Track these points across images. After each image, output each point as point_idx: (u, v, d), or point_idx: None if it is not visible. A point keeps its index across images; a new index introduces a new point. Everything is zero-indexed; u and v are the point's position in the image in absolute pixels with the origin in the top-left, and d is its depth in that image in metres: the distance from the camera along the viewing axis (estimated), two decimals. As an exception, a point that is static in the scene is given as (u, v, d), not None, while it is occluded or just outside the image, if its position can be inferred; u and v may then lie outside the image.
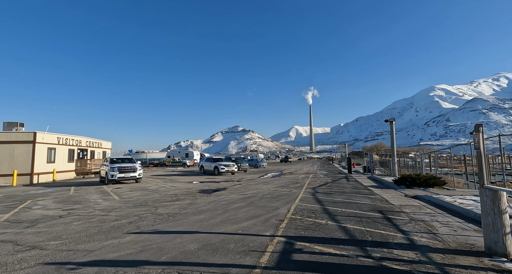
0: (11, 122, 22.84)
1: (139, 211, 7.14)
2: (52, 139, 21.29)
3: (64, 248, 4.22)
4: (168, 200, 9.01)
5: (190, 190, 11.82)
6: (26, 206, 8.54)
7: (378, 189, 11.38)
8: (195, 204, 8.16)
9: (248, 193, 10.37)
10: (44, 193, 12.13)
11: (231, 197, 9.51)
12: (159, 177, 21.09)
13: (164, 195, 10.49)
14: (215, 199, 9.12)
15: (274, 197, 9.32)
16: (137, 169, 15.94)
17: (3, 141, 19.05)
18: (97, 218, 6.39)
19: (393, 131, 16.55)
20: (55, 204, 8.84)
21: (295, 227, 5.17)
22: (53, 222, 6.12)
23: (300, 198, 8.96)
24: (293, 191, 10.78)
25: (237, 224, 5.51)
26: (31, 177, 18.99)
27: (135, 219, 6.21)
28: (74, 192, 11.96)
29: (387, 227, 5.10)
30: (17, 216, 6.94)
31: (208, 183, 14.95)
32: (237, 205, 7.82)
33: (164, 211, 7.13)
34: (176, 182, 16.42)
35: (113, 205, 8.34)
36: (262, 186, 12.86)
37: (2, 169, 18.74)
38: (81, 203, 8.90)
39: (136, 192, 11.60)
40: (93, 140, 27.14)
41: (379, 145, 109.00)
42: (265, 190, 11.24)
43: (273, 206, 7.46)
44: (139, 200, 9.27)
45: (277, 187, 12.33)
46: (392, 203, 7.77)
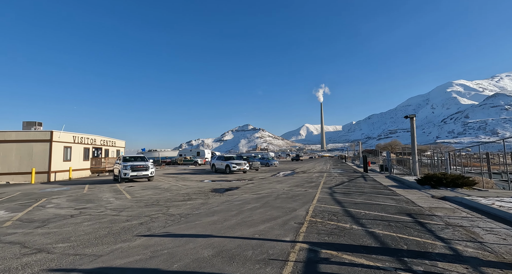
0: (30, 122, 23.50)
1: (150, 211, 6.89)
2: (68, 138, 21.74)
3: (71, 252, 3.96)
4: (180, 200, 8.75)
5: (202, 189, 11.56)
6: (40, 204, 8.53)
7: (400, 189, 10.67)
8: (208, 204, 7.84)
9: (262, 193, 9.96)
10: (59, 191, 12.24)
11: (244, 196, 9.14)
12: (171, 175, 21.09)
13: (176, 194, 10.27)
14: (228, 199, 8.78)
15: (289, 197, 8.86)
16: (149, 168, 15.91)
17: (23, 140, 19.60)
18: (107, 218, 6.18)
19: (413, 127, 15.62)
20: (68, 202, 8.78)
21: (317, 231, 4.71)
22: (64, 222, 5.96)
23: (317, 198, 8.45)
24: (309, 191, 10.27)
25: (253, 227, 5.11)
26: (49, 175, 19.45)
27: (146, 220, 5.95)
28: (87, 191, 11.99)
29: (421, 233, 4.54)
30: (30, 215, 6.87)
31: (220, 182, 14.68)
32: (252, 205, 7.42)
33: (176, 211, 6.84)
34: (188, 180, 16.26)
35: (125, 204, 8.17)
36: (276, 185, 12.42)
37: (22, 167, 19.29)
38: (93, 202, 8.80)
39: (148, 191, 11.47)
40: (107, 138, 27.60)
41: (393, 143, 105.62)
42: (280, 190, 10.80)
43: (290, 207, 7.01)
44: (150, 199, 9.08)
45: (292, 187, 11.85)
46: (420, 205, 7.12)
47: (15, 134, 19.61)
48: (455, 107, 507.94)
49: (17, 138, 19.54)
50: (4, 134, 19.39)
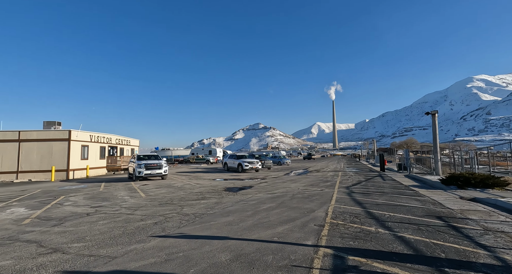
0: (50, 121, 24.34)
1: (164, 211, 6.79)
2: (85, 137, 22.34)
3: (86, 252, 3.86)
4: (194, 199, 8.63)
5: (215, 188, 11.43)
6: (58, 202, 8.67)
7: (423, 189, 10.06)
8: (222, 203, 7.66)
9: (276, 192, 9.68)
10: (76, 189, 12.51)
11: (259, 196, 8.89)
12: (184, 174, 21.21)
13: (189, 193, 10.19)
14: (242, 198, 8.57)
15: (305, 197, 8.53)
16: (162, 166, 16.01)
17: (43, 139, 20.31)
18: (122, 217, 6.12)
19: (435, 124, 14.78)
20: (85, 200, 8.89)
21: (340, 235, 4.38)
22: (80, 220, 5.95)
23: (335, 198, 8.07)
24: (325, 191, 9.88)
25: (271, 229, 4.85)
26: (67, 173, 20.07)
27: (160, 219, 5.83)
28: (103, 189, 12.17)
29: (459, 240, 4.11)
30: (48, 212, 6.95)
31: (233, 181, 14.52)
32: (267, 205, 7.16)
33: (190, 211, 6.70)
34: (201, 179, 16.24)
35: (139, 203, 8.14)
36: (290, 185, 12.09)
37: (43, 165, 20.01)
38: (109, 200, 8.85)
39: (162, 189, 11.48)
40: (122, 137, 28.21)
41: (409, 141, 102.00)
42: (294, 189, 10.47)
43: (308, 208, 6.70)
44: (164, 198, 9.03)
45: (307, 186, 11.49)
46: (449, 207, 6.60)
47: (36, 133, 20.37)
48: (475, 104, 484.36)
49: (38, 137, 20.28)
50: (26, 134, 20.18)
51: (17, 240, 4.56)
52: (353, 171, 21.42)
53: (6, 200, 9.50)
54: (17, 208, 7.79)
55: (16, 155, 19.78)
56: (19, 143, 19.96)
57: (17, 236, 4.83)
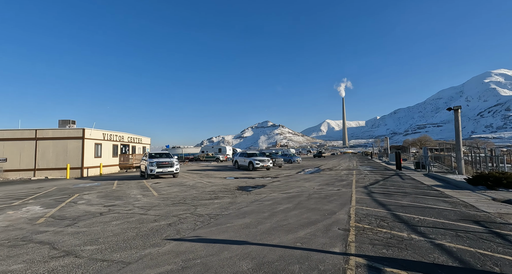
0: (64, 120, 24.82)
1: (178, 211, 6.59)
2: (98, 135, 22.66)
3: (99, 256, 3.66)
4: (207, 198, 8.41)
5: (228, 187, 11.20)
6: (72, 200, 8.66)
7: (448, 189, 9.44)
8: (236, 203, 7.39)
9: (291, 192, 9.33)
10: (90, 187, 12.59)
11: (273, 196, 8.57)
12: (195, 172, 21.18)
13: (202, 192, 9.99)
14: (257, 198, 8.27)
15: (323, 197, 8.14)
16: (174, 164, 15.95)
17: (58, 137, 20.72)
18: (136, 218, 5.95)
19: (458, 120, 13.95)
20: (98, 199, 8.84)
21: (370, 241, 4.00)
22: (93, 220, 5.82)
23: (355, 199, 7.64)
24: (342, 190, 9.44)
25: (292, 233, 4.52)
26: (82, 171, 20.42)
27: (174, 220, 5.61)
28: (116, 187, 12.18)
29: (509, 249, 3.64)
30: (62, 211, 6.89)
31: (245, 179, 14.27)
32: (284, 206, 6.83)
33: (204, 211, 6.46)
34: (212, 177, 16.08)
35: (152, 202, 7.99)
36: (304, 184, 11.70)
37: (58, 163, 20.44)
38: (121, 198, 8.77)
39: (174, 188, 11.35)
40: (134, 135, 28.52)
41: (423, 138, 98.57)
42: (310, 189, 10.08)
43: (327, 209, 6.32)
44: (177, 197, 8.86)
45: (322, 185, 11.07)
46: (485, 210, 6.05)
47: (51, 131, 20.80)
48: (493, 99, 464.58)
49: (53, 135, 20.71)
50: (42, 132, 20.63)
51: (31, 241, 4.44)
52: (368, 169, 20.73)
53: (23, 197, 9.60)
54: (32, 206, 7.80)
55: (33, 153, 20.28)
56: (36, 141, 20.44)
57: (31, 236, 4.72)
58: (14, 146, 20.15)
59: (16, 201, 8.88)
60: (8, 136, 20.20)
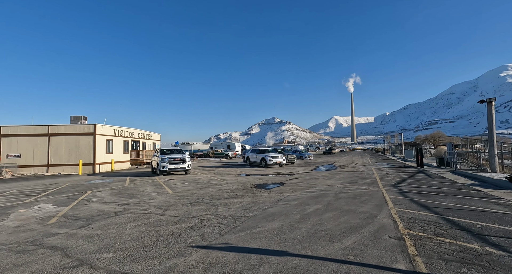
0: (76, 116, 24.79)
1: (197, 211, 6.05)
2: (109, 131, 22.50)
3: (117, 268, 3.13)
4: (225, 197, 7.86)
5: (244, 184, 10.64)
6: (85, 198, 8.28)
7: (490, 190, 8.55)
8: (259, 203, 6.79)
9: (314, 191, 8.67)
10: (103, 183, 12.29)
11: (296, 195, 7.94)
12: (206, 168, 20.77)
13: (218, 189, 9.46)
14: (279, 197, 7.66)
15: (352, 197, 7.45)
16: (186, 161, 15.53)
17: (71, 133, 20.65)
18: (153, 219, 5.44)
19: (492, 114, 12.86)
20: (112, 196, 8.43)
21: (438, 256, 3.30)
22: (108, 221, 5.35)
23: (390, 200, 6.92)
24: (370, 190, 8.72)
25: (336, 241, 3.88)
26: (94, 167, 20.32)
27: (196, 222, 5.07)
28: (129, 184, 11.82)
29: None
30: (75, 210, 6.47)
31: (260, 177, 13.68)
32: (313, 207, 6.19)
33: (226, 212, 5.89)
34: (225, 174, 15.59)
35: (168, 200, 7.50)
36: (325, 182, 11.02)
37: (71, 159, 20.39)
38: (136, 196, 8.33)
39: (188, 185, 10.88)
40: (144, 132, 28.35)
41: (436, 134, 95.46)
42: (333, 187, 9.40)
43: (365, 212, 5.64)
44: (193, 195, 8.35)
45: (345, 183, 10.36)
46: (550, 215, 5.24)
47: (63, 127, 20.73)
48: (510, 94, 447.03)
49: (66, 131, 20.64)
50: (55, 128, 20.59)
51: (41, 246, 3.97)
52: (386, 166, 19.79)
53: (36, 194, 9.32)
54: (45, 204, 7.45)
55: (46, 149, 20.28)
56: (48, 137, 20.43)
57: (42, 239, 4.26)
58: (27, 142, 20.20)
59: (28, 198, 8.58)
60: (22, 132, 20.25)
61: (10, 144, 20.03)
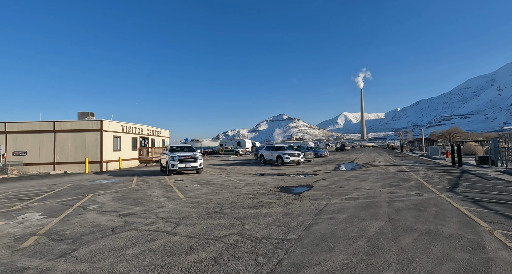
0: (84, 112, 23.85)
1: (218, 228, 4.58)
2: (117, 127, 21.43)
3: None
4: (249, 205, 6.37)
5: (266, 187, 9.13)
6: (83, 204, 6.98)
7: None
8: (295, 216, 5.25)
9: (356, 197, 7.05)
10: (107, 184, 11.07)
11: (338, 204, 6.35)
12: (218, 166, 19.40)
13: (237, 193, 7.99)
14: (317, 206, 6.09)
15: (413, 207, 5.80)
16: (197, 159, 14.16)
17: (77, 130, 19.66)
18: (161, 241, 4.00)
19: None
20: (114, 202, 7.10)
21: None
22: (101, 243, 3.94)
23: (471, 213, 5.23)
24: (426, 196, 7.03)
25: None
26: (101, 165, 19.30)
27: (219, 250, 3.58)
28: (136, 185, 10.53)
29: None
30: (64, 224, 5.13)
31: (280, 177, 12.14)
32: (373, 225, 4.60)
33: (258, 230, 4.39)
34: (240, 173, 14.13)
35: (180, 209, 6.08)
36: (361, 184, 9.36)
37: (77, 157, 19.43)
38: (141, 203, 6.96)
39: (202, 187, 9.46)
40: (153, 128, 27.26)
41: (452, 130, 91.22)
42: (375, 192, 7.75)
43: (455, 236, 4.00)
44: (209, 201, 6.90)
45: (386, 187, 8.68)
46: None
47: (69, 123, 19.77)
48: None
49: (72, 127, 19.67)
50: (61, 124, 19.65)
51: (-9, 296, 2.58)
52: (417, 165, 17.84)
53: (30, 198, 8.12)
54: (33, 213, 6.17)
55: (52, 146, 19.39)
56: (54, 134, 19.52)
57: (-1, 280, 2.89)
58: (33, 139, 19.35)
59: (19, 203, 7.37)
60: (27, 129, 19.40)
61: (16, 141, 19.23)
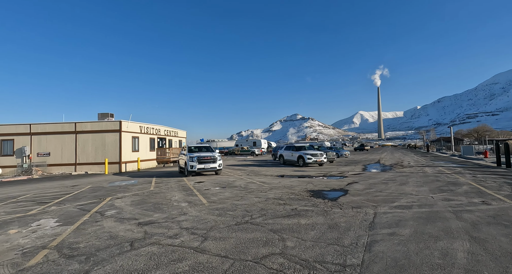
0: (103, 113, 24.08)
1: (254, 244, 3.77)
2: (135, 128, 21.40)
3: None
4: (282, 213, 5.53)
5: (294, 191, 8.24)
6: (100, 209, 6.46)
7: None
8: (344, 230, 4.34)
9: (407, 205, 5.99)
10: (126, 186, 10.67)
11: (390, 213, 5.35)
12: (236, 167, 18.73)
13: (264, 198, 7.17)
14: (364, 216, 5.14)
15: (494, 222, 4.68)
16: (217, 159, 13.54)
17: (97, 130, 19.77)
18: (189, 261, 3.26)
19: None
20: (132, 207, 6.53)
21: None
22: (119, 263, 3.27)
23: None
24: (495, 205, 5.83)
25: None
26: (120, 166, 19.27)
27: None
28: (154, 187, 10.02)
29: None
30: (79, 234, 4.55)
31: (305, 179, 11.19)
32: (459, 246, 3.59)
33: (304, 250, 3.53)
34: (261, 175, 13.33)
35: (205, 217, 5.36)
36: (404, 188, 8.22)
37: (98, 158, 19.52)
38: (161, 208, 6.33)
39: (224, 190, 8.74)
40: (170, 129, 27.17)
41: (480, 128, 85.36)
42: (426, 198, 6.63)
43: None
44: (236, 208, 6.14)
45: (436, 192, 7.50)
46: None
47: (90, 124, 19.93)
48: None
49: (92, 128, 19.81)
50: (81, 125, 19.85)
51: None
52: (455, 166, 16.15)
53: (48, 201, 7.78)
54: (48, 219, 5.70)
55: (73, 147, 19.63)
56: (75, 135, 19.76)
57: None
58: (56, 140, 19.69)
59: (37, 207, 7.00)
60: (50, 130, 19.77)
61: (40, 142, 19.65)
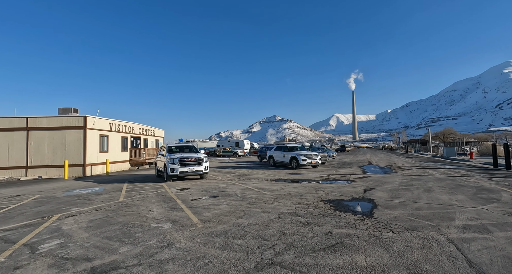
0: (65, 108, 20.61)
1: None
2: (104, 125, 18.46)
3: None
4: (315, 242, 3.80)
5: (307, 201, 6.57)
6: (35, 238, 4.23)
7: None
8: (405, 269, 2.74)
9: (478, 224, 4.59)
10: (87, 195, 8.27)
11: (470, 240, 3.87)
12: (222, 170, 16.71)
13: (276, 214, 5.39)
14: (443, 249, 3.59)
15: None
16: (203, 161, 11.49)
17: (56, 127, 16.63)
18: None
19: None
20: (88, 234, 4.39)
21: None
22: None
23: None
24: None
25: None
26: (84, 169, 16.32)
27: None
28: (125, 197, 7.77)
29: None
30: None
31: (308, 184, 9.61)
32: None
33: None
34: (255, 179, 11.53)
35: (203, 254, 3.45)
36: (439, 197, 6.91)
37: (56, 159, 16.40)
38: (133, 235, 4.28)
39: (217, 201, 6.79)
40: (146, 127, 24.31)
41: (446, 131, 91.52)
42: (482, 211, 5.34)
43: None
44: (243, 231, 4.29)
45: (487, 204, 6.29)
46: None
47: (46, 120, 16.70)
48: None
49: (49, 124, 16.61)
50: (35, 120, 16.56)
51: None
52: (453, 167, 15.70)
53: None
54: None
55: (24, 146, 16.27)
56: (27, 132, 16.42)
57: None
58: (1, 137, 16.21)
59: None
60: (-6, 126, 16.24)
61: (-21, 141, 16.04)
